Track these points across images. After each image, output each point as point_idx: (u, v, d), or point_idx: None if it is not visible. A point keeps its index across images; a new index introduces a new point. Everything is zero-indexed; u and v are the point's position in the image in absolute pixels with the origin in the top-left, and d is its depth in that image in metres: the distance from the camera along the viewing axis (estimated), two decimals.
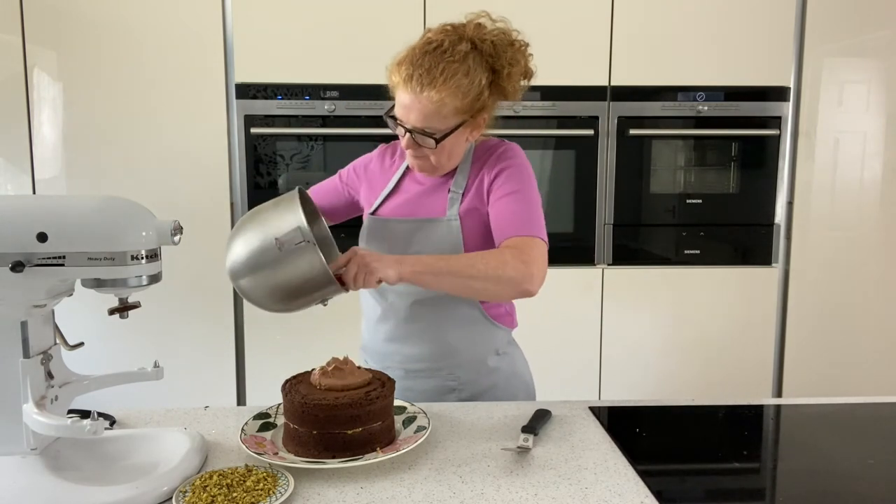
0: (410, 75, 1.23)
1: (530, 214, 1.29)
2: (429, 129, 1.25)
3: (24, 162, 2.28)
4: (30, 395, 0.99)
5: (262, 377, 2.37)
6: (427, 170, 1.35)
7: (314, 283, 1.10)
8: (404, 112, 1.25)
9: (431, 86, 1.22)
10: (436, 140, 1.26)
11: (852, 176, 2.46)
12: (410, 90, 1.23)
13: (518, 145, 1.40)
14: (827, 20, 2.39)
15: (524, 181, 1.32)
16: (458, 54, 1.24)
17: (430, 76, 1.22)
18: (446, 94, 1.22)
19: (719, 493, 1.06)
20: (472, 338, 1.38)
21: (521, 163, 1.35)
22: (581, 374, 2.47)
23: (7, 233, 0.96)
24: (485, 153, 1.38)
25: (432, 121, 1.24)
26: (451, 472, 1.04)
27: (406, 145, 1.29)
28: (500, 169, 1.33)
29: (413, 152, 1.30)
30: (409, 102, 1.24)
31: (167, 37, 2.27)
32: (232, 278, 1.14)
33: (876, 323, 2.52)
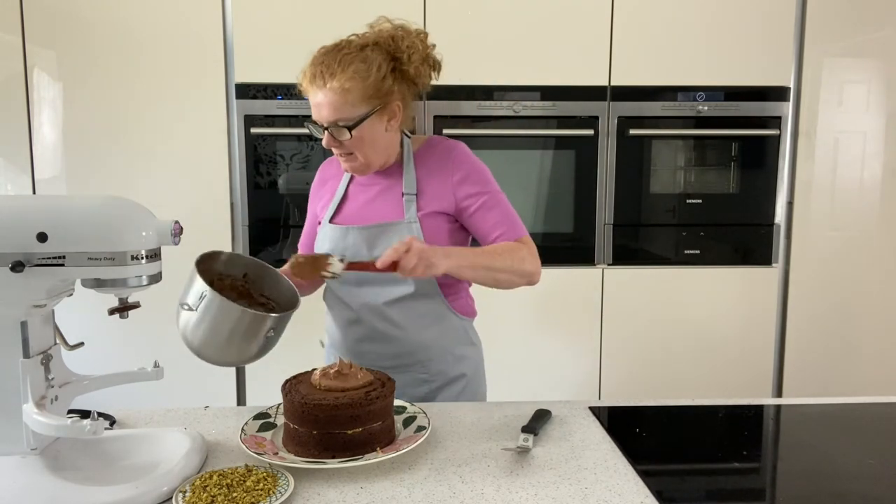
0: (314, 74, 1.30)
1: (509, 216, 1.40)
2: (341, 120, 1.30)
3: (24, 162, 2.28)
4: (30, 395, 0.99)
5: (262, 377, 2.37)
6: (358, 169, 1.38)
7: (243, 324, 1.18)
8: (316, 111, 1.32)
9: (332, 76, 1.28)
10: (349, 129, 1.30)
11: (852, 176, 2.46)
12: (316, 87, 1.30)
13: (461, 143, 1.44)
14: (827, 20, 2.39)
15: (488, 182, 1.41)
16: (354, 48, 1.32)
17: (329, 70, 1.29)
18: (346, 79, 1.28)
19: (719, 493, 1.06)
20: (440, 331, 1.44)
21: (476, 163, 1.42)
22: (581, 374, 2.47)
23: (7, 233, 0.96)
24: (430, 153, 1.42)
25: (342, 111, 1.29)
26: (451, 472, 1.04)
27: (326, 144, 1.33)
28: (462, 175, 1.39)
29: (338, 151, 1.35)
30: (317, 100, 1.30)
31: (167, 37, 2.27)
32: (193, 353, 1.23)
33: (876, 323, 2.52)
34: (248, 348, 1.21)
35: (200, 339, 1.19)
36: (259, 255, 2.36)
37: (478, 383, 1.52)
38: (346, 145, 1.33)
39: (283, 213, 2.33)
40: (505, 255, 1.33)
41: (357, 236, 1.39)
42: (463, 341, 1.48)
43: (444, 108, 2.33)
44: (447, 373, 1.45)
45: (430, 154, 1.42)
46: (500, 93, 2.34)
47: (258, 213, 2.35)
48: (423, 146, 1.44)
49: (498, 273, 1.32)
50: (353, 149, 1.34)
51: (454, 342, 1.46)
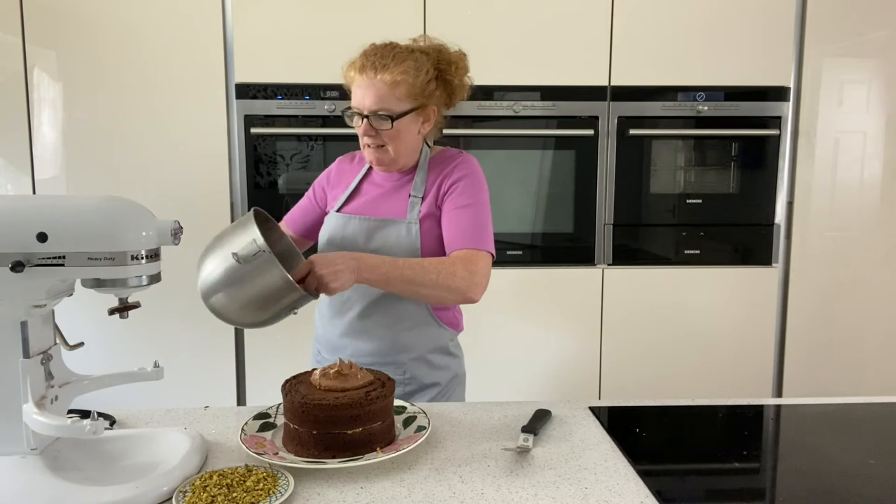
0: (364, 64, 1.36)
1: (480, 228, 1.40)
2: (383, 110, 1.35)
3: (24, 162, 2.28)
4: (30, 395, 0.99)
5: (262, 377, 2.37)
6: (385, 162, 1.42)
7: (277, 292, 1.16)
8: (360, 98, 1.37)
9: (384, 69, 1.35)
10: (392, 119, 1.35)
11: (852, 176, 2.46)
12: (365, 76, 1.35)
13: (473, 157, 1.48)
14: (827, 20, 2.39)
15: (476, 195, 1.42)
16: (405, 49, 1.39)
17: (382, 62, 1.35)
18: (398, 73, 1.34)
19: (719, 493, 1.06)
20: (419, 336, 1.46)
21: (475, 175, 1.44)
22: (581, 374, 2.47)
23: (7, 233, 0.96)
24: (442, 161, 1.47)
25: (387, 102, 1.35)
26: (451, 472, 1.04)
27: (364, 132, 1.38)
28: (455, 179, 1.43)
29: (370, 141, 1.39)
30: (364, 87, 1.36)
31: (167, 37, 2.27)
32: (203, 298, 1.21)
33: (876, 323, 2.52)
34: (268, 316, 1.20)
35: (231, 294, 1.17)
36: None
37: (451, 394, 1.53)
38: (381, 136, 1.38)
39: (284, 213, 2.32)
40: (430, 270, 1.31)
41: (357, 226, 1.44)
42: (442, 351, 1.50)
43: None
44: (421, 379, 1.47)
45: (441, 162, 1.47)
46: (500, 93, 2.34)
47: None
48: (438, 155, 1.49)
49: (419, 287, 1.31)
50: (387, 141, 1.38)
51: (432, 350, 1.48)
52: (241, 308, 1.18)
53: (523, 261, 2.42)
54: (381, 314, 1.44)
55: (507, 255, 2.40)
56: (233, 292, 1.17)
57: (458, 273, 1.32)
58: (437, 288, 1.31)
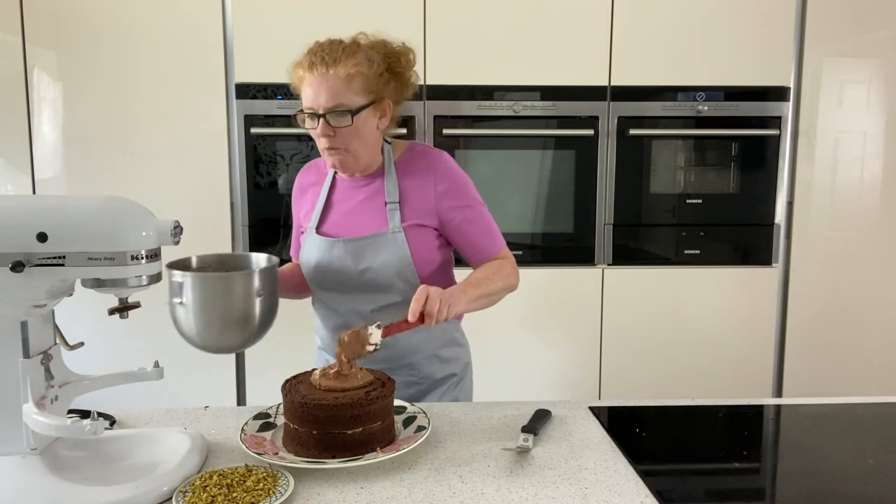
0: (313, 61, 1.30)
1: (490, 230, 1.43)
2: (341, 106, 1.29)
3: (24, 162, 2.28)
4: (30, 395, 0.99)
5: (262, 377, 2.37)
6: (348, 165, 1.36)
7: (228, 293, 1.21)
8: (313, 97, 1.29)
9: (336, 62, 1.28)
10: (351, 114, 1.29)
11: (852, 176, 2.46)
12: (316, 73, 1.29)
13: (444, 152, 1.43)
14: (827, 20, 2.39)
15: (472, 194, 1.42)
16: (353, 43, 1.34)
17: (332, 56, 1.29)
18: (351, 66, 1.28)
19: (719, 493, 1.06)
20: (427, 335, 1.43)
21: (460, 175, 1.41)
22: (581, 374, 2.47)
23: (7, 233, 0.96)
24: (411, 161, 1.41)
25: (343, 98, 1.29)
26: (451, 472, 1.04)
27: (321, 132, 1.30)
28: (449, 186, 1.39)
29: (329, 143, 1.32)
30: (316, 85, 1.29)
31: (167, 37, 2.27)
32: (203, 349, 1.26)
33: (876, 323, 2.52)
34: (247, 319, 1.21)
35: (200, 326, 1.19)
36: None
37: (466, 382, 1.53)
38: (340, 136, 1.31)
39: (283, 213, 2.33)
40: (496, 278, 1.36)
41: (342, 249, 1.38)
42: (450, 343, 1.49)
43: (444, 108, 2.33)
44: (434, 375, 1.46)
45: (412, 162, 1.41)
46: (500, 93, 2.34)
47: (258, 213, 2.35)
48: (405, 154, 1.43)
49: (493, 297, 1.36)
50: (345, 141, 1.32)
51: (441, 345, 1.46)
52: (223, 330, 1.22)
53: (523, 261, 2.42)
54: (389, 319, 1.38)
55: None
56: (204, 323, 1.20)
57: (512, 274, 1.41)
58: (503, 291, 1.39)
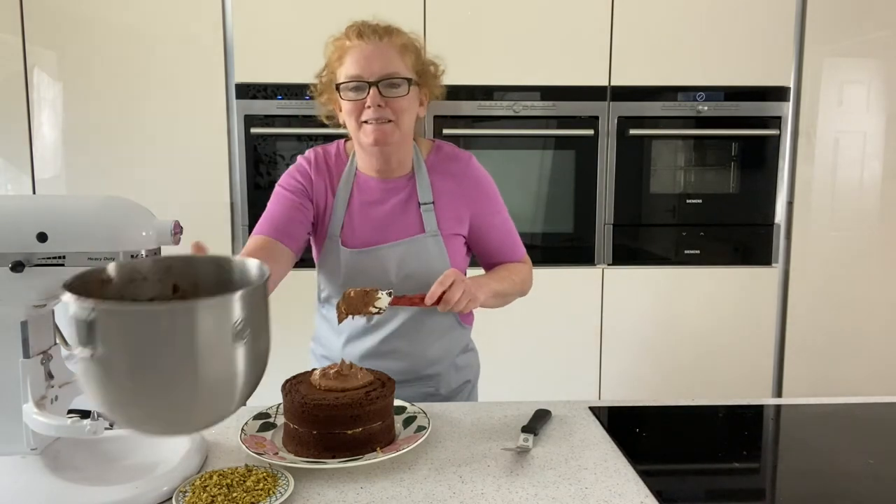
0: (363, 31, 1.23)
1: (516, 235, 1.43)
2: (396, 74, 1.22)
3: (24, 162, 2.28)
4: (30, 395, 0.99)
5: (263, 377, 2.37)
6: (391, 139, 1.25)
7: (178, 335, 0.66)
8: (365, 65, 1.21)
9: (389, 33, 1.23)
10: (409, 83, 1.23)
11: (852, 176, 2.46)
12: (368, 41, 1.22)
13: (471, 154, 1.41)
14: (827, 20, 2.39)
15: (499, 199, 1.40)
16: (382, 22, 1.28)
17: (384, 27, 1.24)
18: (406, 39, 1.25)
19: (719, 493, 1.06)
20: (445, 344, 1.41)
21: (489, 179, 1.40)
22: (581, 374, 2.47)
23: (7, 233, 0.96)
24: (443, 162, 1.36)
25: (397, 66, 1.23)
26: (451, 472, 1.04)
27: (371, 102, 1.22)
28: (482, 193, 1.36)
29: (377, 115, 1.22)
30: (370, 52, 1.21)
31: (167, 37, 2.27)
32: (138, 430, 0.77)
33: (876, 323, 2.52)
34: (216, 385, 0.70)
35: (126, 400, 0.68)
36: None
37: (476, 387, 1.53)
38: (390, 107, 1.22)
39: None
40: (516, 279, 1.36)
41: (384, 256, 1.30)
42: (465, 350, 1.47)
43: (444, 108, 2.33)
44: (451, 384, 1.43)
45: (443, 163, 1.35)
46: (500, 93, 2.34)
47: (258, 213, 2.32)
48: (433, 154, 1.37)
49: (508, 297, 1.37)
50: (396, 113, 1.23)
51: (456, 353, 1.44)
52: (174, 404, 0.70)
53: None
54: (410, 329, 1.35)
55: None
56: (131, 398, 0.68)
57: (528, 279, 1.42)
58: (518, 294, 1.39)
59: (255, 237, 1.30)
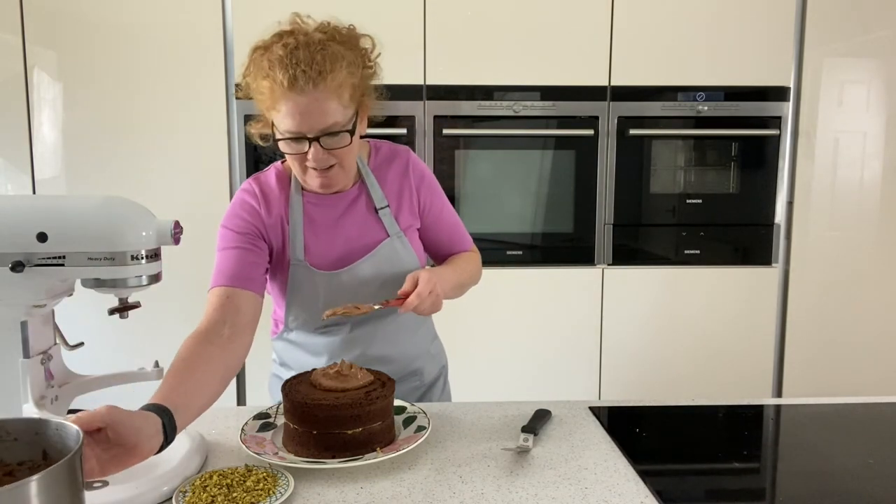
0: (293, 77, 1.08)
1: (462, 226, 1.43)
2: (336, 125, 1.12)
3: (24, 162, 2.28)
4: (30, 395, 0.99)
5: (262, 377, 2.37)
6: (339, 183, 1.22)
7: None
8: (301, 121, 1.10)
9: (322, 77, 1.08)
10: (351, 134, 1.14)
11: (852, 176, 2.46)
12: (299, 91, 1.08)
13: (408, 147, 1.38)
14: (827, 20, 2.39)
15: (441, 191, 1.40)
16: (318, 42, 1.13)
17: (315, 69, 1.08)
18: (342, 77, 1.11)
19: (719, 493, 1.06)
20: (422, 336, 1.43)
21: (429, 171, 1.39)
22: (581, 374, 2.47)
23: (7, 233, 0.96)
24: (387, 162, 1.33)
25: (337, 115, 1.12)
26: (451, 472, 1.04)
27: (314, 158, 1.14)
28: (426, 186, 1.36)
29: (320, 165, 1.16)
30: (304, 106, 1.09)
31: (167, 37, 2.27)
32: None
33: (876, 323, 2.52)
34: None
35: None
36: None
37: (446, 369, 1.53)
38: (331, 156, 1.15)
39: None
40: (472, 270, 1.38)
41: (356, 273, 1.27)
42: (432, 336, 1.48)
43: (444, 108, 2.33)
44: (430, 373, 1.45)
45: (386, 164, 1.33)
46: (500, 93, 2.34)
47: None
48: (373, 156, 1.33)
49: (465, 287, 1.37)
50: (339, 158, 1.17)
51: (429, 341, 1.46)
52: None
53: (523, 261, 2.42)
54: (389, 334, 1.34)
55: (506, 255, 2.40)
56: None
57: (480, 268, 1.43)
58: (473, 283, 1.39)
59: (214, 291, 1.21)
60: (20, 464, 0.81)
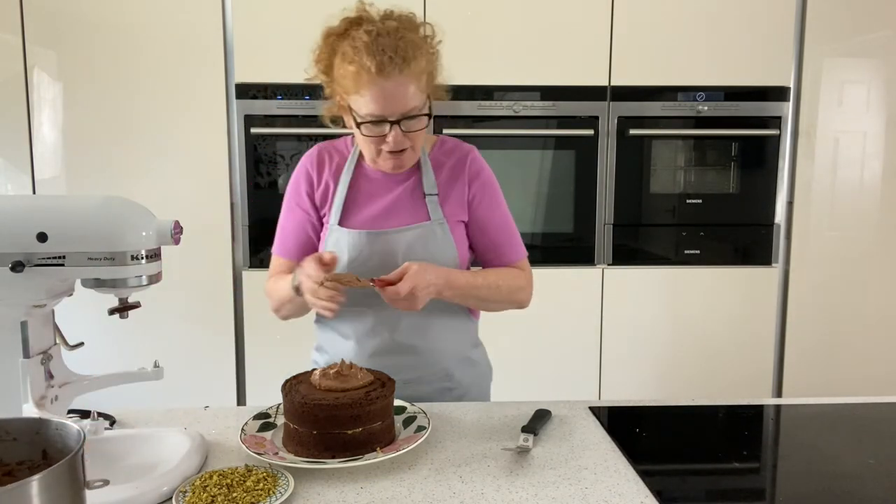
0: (381, 63, 1.14)
1: (516, 235, 1.39)
2: (416, 109, 1.19)
3: (24, 162, 2.28)
4: (30, 395, 0.99)
5: (262, 377, 2.37)
6: (409, 163, 1.29)
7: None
8: (385, 105, 1.17)
9: (406, 63, 1.15)
10: (429, 116, 1.21)
11: (852, 176, 2.46)
12: (386, 77, 1.14)
13: (475, 147, 1.39)
14: (827, 20, 2.39)
15: (499, 194, 1.38)
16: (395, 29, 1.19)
17: (400, 54, 1.15)
18: (422, 63, 1.19)
19: (719, 493, 1.06)
20: (457, 336, 1.40)
21: (490, 173, 1.38)
22: (581, 374, 2.47)
23: (7, 233, 0.96)
24: (446, 155, 1.36)
25: (415, 99, 1.19)
26: (451, 472, 1.04)
27: (394, 140, 1.20)
28: (480, 182, 1.34)
29: (397, 147, 1.22)
30: (390, 91, 1.16)
31: (167, 37, 2.27)
32: None
33: (876, 323, 2.52)
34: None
35: None
36: (259, 255, 2.36)
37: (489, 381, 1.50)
38: (408, 138, 1.21)
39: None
40: (503, 288, 1.32)
41: (390, 241, 1.29)
42: (475, 342, 1.45)
43: (444, 108, 2.33)
44: (466, 379, 1.41)
45: (445, 157, 1.35)
46: (500, 93, 2.34)
47: (258, 213, 2.35)
48: (436, 148, 1.37)
49: (489, 304, 1.34)
50: (414, 141, 1.23)
51: (468, 346, 1.43)
52: None
53: None
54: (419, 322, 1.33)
55: None
56: None
57: (525, 288, 1.37)
58: (503, 303, 1.35)
59: (279, 260, 1.38)
60: (20, 463, 0.81)
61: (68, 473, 0.72)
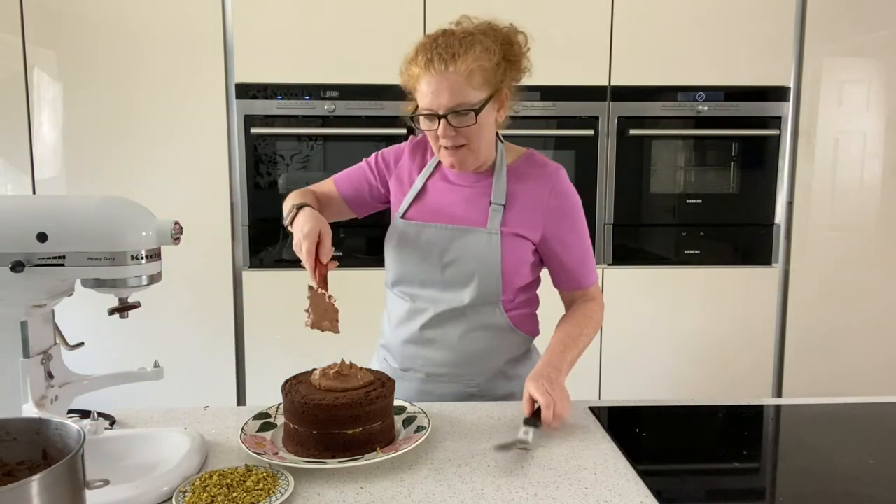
0: (430, 59, 1.23)
1: (590, 260, 1.40)
2: (463, 105, 1.23)
3: (24, 162, 2.28)
4: (30, 395, 0.99)
5: (262, 377, 2.37)
6: (465, 162, 1.30)
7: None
8: (433, 98, 1.23)
9: (454, 59, 1.22)
10: (475, 113, 1.23)
11: (852, 176, 2.46)
12: (434, 72, 1.22)
13: (563, 168, 1.38)
14: (827, 20, 2.39)
15: (580, 218, 1.38)
16: (466, 34, 1.28)
17: (449, 52, 1.22)
18: (472, 61, 1.22)
19: (719, 493, 1.06)
20: (494, 346, 1.37)
21: (575, 194, 1.38)
22: (581, 374, 2.46)
23: (7, 233, 0.96)
24: (530, 168, 1.36)
25: (465, 95, 1.23)
26: (451, 472, 1.04)
27: (442, 134, 1.25)
28: (561, 203, 1.34)
29: (449, 143, 1.26)
30: (436, 85, 1.22)
31: (167, 37, 2.27)
32: None
33: (876, 323, 2.52)
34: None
35: None
36: (259, 255, 2.36)
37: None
38: (462, 134, 1.25)
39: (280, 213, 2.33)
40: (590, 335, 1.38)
41: (434, 235, 1.33)
42: (521, 360, 1.42)
43: None
44: (494, 391, 1.39)
45: (527, 169, 1.36)
46: None
47: (258, 213, 2.35)
48: (522, 160, 1.38)
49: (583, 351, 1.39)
50: (468, 138, 1.26)
51: (509, 360, 1.40)
52: None
53: None
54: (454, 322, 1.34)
55: None
56: None
57: (600, 322, 1.41)
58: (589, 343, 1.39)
59: (330, 182, 1.46)
60: (20, 463, 0.81)
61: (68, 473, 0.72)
